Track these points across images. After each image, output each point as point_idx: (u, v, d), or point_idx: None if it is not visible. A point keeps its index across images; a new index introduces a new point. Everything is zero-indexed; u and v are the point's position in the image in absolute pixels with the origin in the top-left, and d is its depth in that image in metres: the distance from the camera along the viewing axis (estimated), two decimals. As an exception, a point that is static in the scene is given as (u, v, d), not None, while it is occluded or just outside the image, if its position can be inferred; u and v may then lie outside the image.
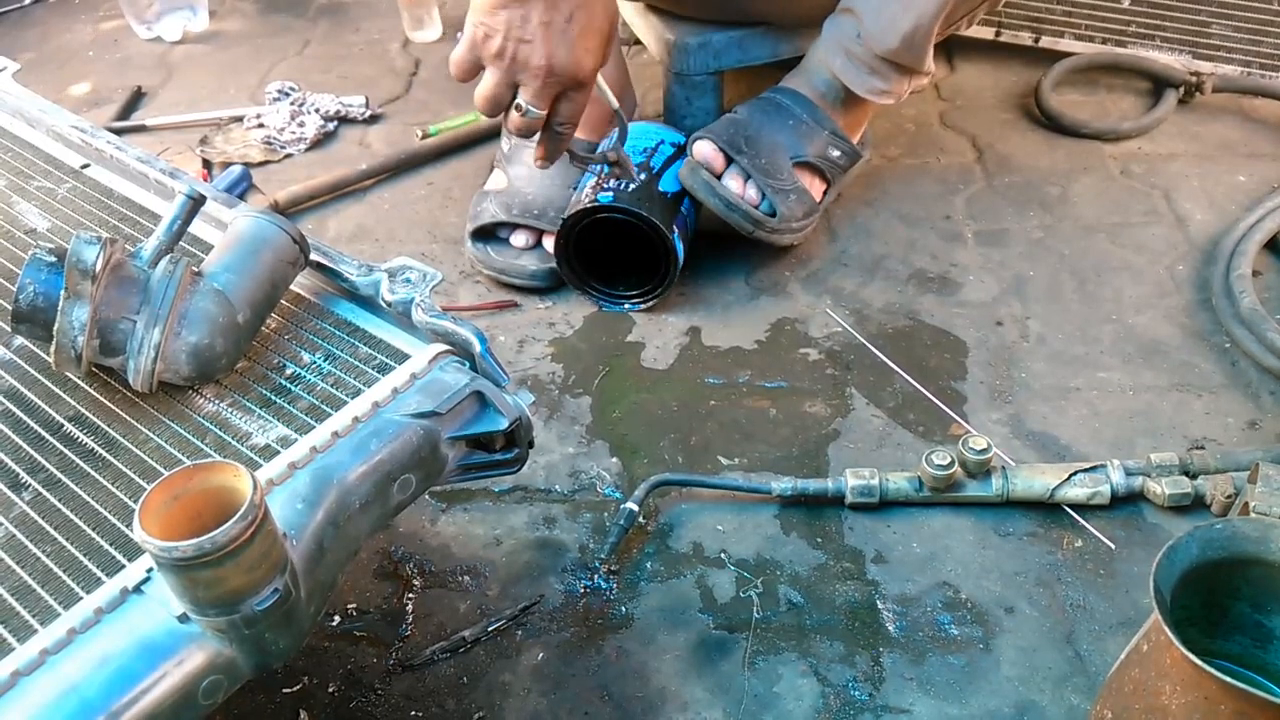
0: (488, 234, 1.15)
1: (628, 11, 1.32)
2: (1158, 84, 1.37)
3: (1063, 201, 1.22)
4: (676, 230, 1.05)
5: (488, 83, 0.88)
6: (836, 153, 1.13)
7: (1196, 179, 1.24)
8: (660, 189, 1.07)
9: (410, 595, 0.83)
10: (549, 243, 1.11)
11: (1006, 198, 1.23)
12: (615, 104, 0.95)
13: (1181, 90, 1.34)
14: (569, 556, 0.85)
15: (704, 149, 1.08)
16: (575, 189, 1.12)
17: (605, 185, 1.05)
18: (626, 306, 1.10)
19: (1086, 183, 1.25)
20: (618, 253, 1.09)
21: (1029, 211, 1.20)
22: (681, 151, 1.13)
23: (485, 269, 1.14)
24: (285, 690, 0.77)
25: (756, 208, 1.08)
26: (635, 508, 0.86)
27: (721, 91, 1.32)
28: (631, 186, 1.05)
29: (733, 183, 1.08)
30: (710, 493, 0.90)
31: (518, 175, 1.16)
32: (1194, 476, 0.85)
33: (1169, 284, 1.09)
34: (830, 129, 1.12)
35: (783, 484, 0.87)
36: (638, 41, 1.36)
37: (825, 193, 1.15)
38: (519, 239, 1.13)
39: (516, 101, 0.89)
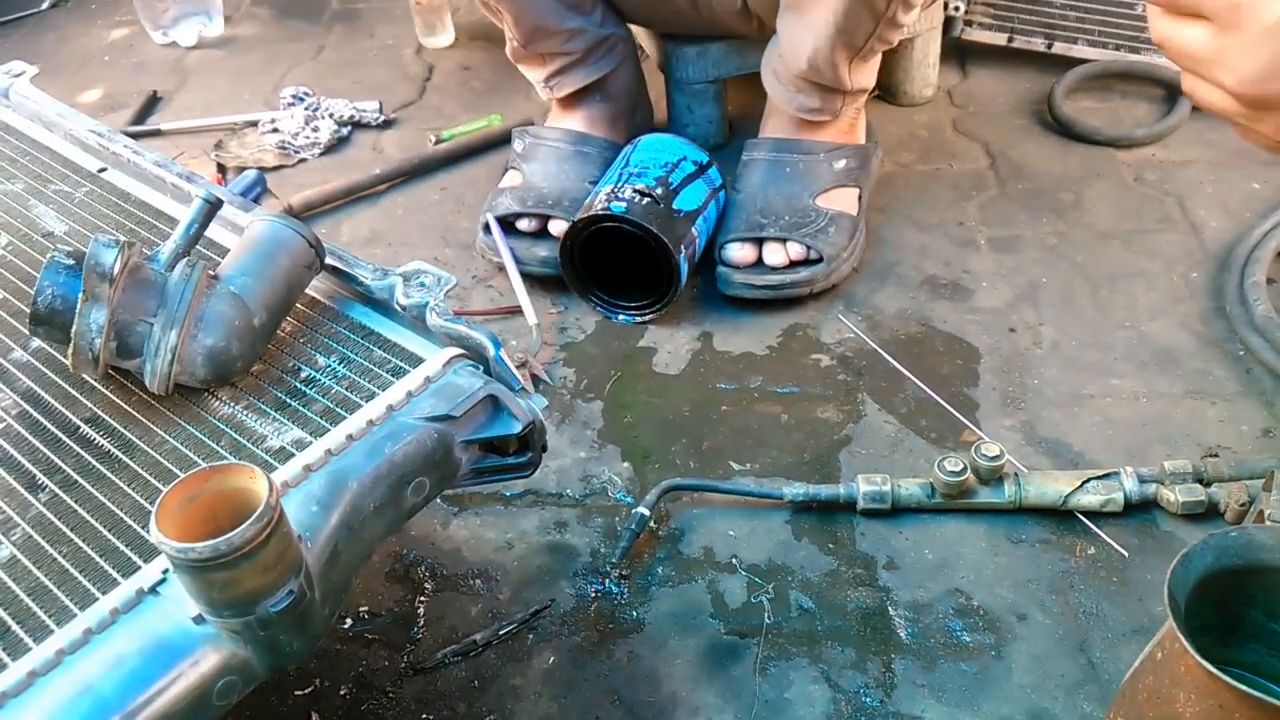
0: (501, 226, 1.15)
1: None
2: (1171, 91, 1.36)
3: (1076, 208, 1.21)
4: (684, 251, 1.05)
5: None
6: (842, 163, 1.13)
7: (1211, 186, 1.23)
8: (675, 206, 1.06)
9: (422, 598, 0.83)
10: (555, 227, 1.11)
11: (1020, 204, 1.23)
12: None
13: (1195, 97, 1.34)
14: (580, 561, 0.85)
15: (731, 253, 1.08)
16: (591, 183, 1.12)
17: (620, 195, 1.05)
18: (621, 317, 1.10)
19: (1100, 189, 1.24)
20: (623, 262, 1.08)
21: (1042, 218, 1.20)
22: (702, 170, 1.11)
23: (499, 259, 1.14)
24: (297, 692, 0.77)
25: (805, 260, 1.08)
26: (646, 512, 0.86)
27: (723, 99, 1.32)
28: (645, 201, 1.04)
29: (776, 255, 1.08)
30: (721, 498, 0.90)
31: (533, 172, 1.16)
32: (1208, 484, 0.85)
33: (1183, 291, 1.09)
34: (823, 149, 1.12)
35: (794, 489, 0.87)
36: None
37: (860, 198, 1.14)
38: (524, 224, 1.13)
39: None
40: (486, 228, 1.15)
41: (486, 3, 1.15)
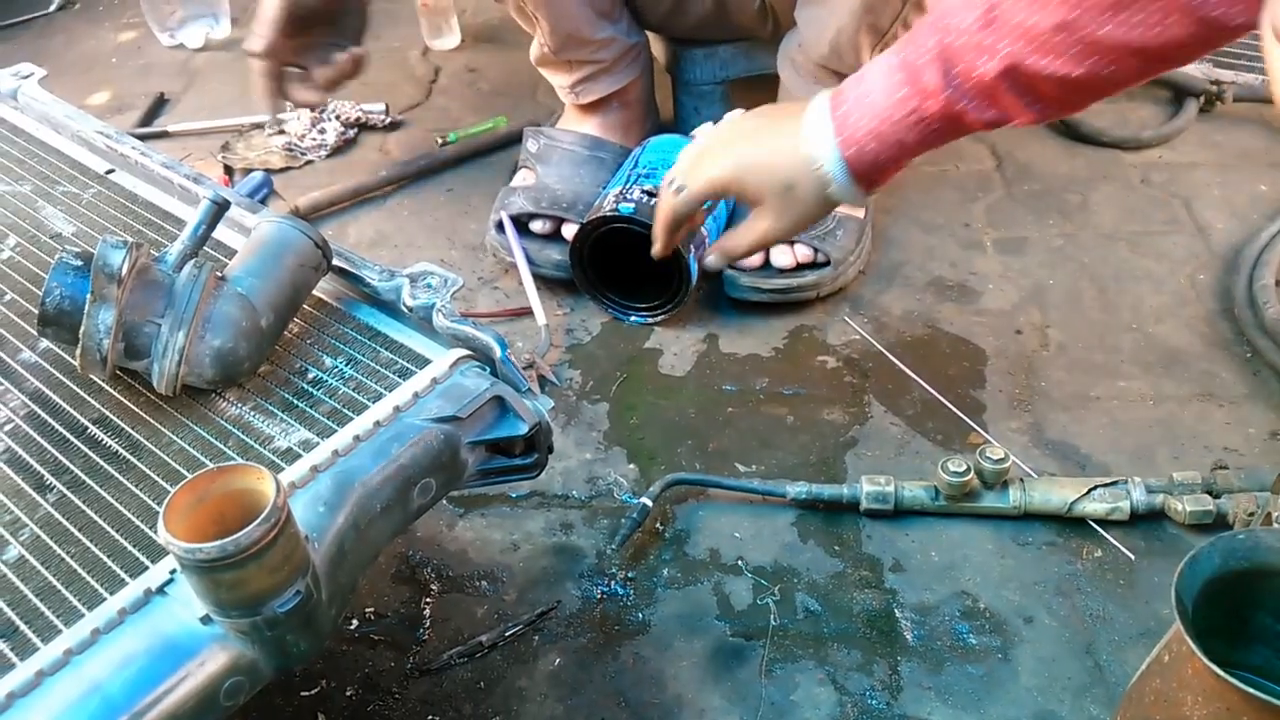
0: (513, 225, 1.15)
1: None
2: (1178, 93, 1.36)
3: (1082, 210, 1.21)
4: (693, 251, 1.05)
5: None
6: None
7: (1218, 188, 1.23)
8: None
9: (428, 600, 0.84)
10: (568, 230, 1.11)
11: (1026, 205, 1.22)
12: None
13: (1202, 99, 1.34)
14: (586, 562, 0.85)
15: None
16: (603, 188, 1.12)
17: (628, 195, 1.05)
18: (632, 319, 1.10)
19: (1106, 191, 1.24)
20: (632, 263, 1.08)
21: (1048, 219, 1.20)
22: None
23: (510, 258, 1.14)
24: (303, 693, 0.77)
25: (813, 263, 1.08)
26: (649, 503, 0.86)
27: (730, 101, 1.31)
28: (653, 202, 1.04)
29: (784, 258, 1.07)
30: (727, 498, 0.90)
31: (547, 173, 1.17)
32: (1217, 495, 0.84)
33: (1190, 293, 1.08)
34: None
35: (797, 488, 0.87)
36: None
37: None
38: (537, 225, 1.14)
39: None
40: (499, 226, 1.15)
41: (522, 8, 1.15)
